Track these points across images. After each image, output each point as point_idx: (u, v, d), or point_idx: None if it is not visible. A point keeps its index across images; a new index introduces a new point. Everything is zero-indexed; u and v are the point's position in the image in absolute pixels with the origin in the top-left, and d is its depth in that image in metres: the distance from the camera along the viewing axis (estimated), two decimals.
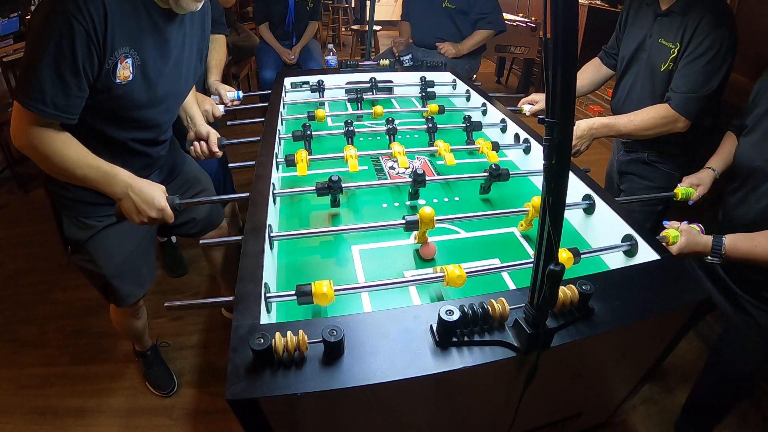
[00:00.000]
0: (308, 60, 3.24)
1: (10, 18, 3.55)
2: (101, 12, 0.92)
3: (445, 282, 0.89)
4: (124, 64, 1.01)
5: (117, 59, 0.99)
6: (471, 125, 1.65)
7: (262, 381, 0.67)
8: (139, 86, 1.07)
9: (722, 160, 1.32)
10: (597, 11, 3.97)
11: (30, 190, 3.12)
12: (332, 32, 7.17)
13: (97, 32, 0.93)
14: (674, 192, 1.27)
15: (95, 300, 2.16)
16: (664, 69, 1.40)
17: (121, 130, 1.13)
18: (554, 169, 0.61)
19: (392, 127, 1.60)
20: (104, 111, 1.06)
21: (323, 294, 0.84)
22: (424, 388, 0.75)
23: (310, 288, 0.84)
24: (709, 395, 1.39)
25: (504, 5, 2.86)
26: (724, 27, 1.28)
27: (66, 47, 0.90)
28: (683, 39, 1.34)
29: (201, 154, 1.46)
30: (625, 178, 1.69)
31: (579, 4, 0.90)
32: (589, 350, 0.88)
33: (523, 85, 4.89)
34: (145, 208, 1.09)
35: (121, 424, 1.63)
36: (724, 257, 1.03)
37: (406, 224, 1.03)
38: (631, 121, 1.42)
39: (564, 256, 0.96)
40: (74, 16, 0.89)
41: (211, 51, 1.93)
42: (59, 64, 0.91)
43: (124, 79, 1.03)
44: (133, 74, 1.04)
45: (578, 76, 1.80)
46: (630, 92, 1.56)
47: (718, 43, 1.28)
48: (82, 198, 1.19)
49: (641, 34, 1.48)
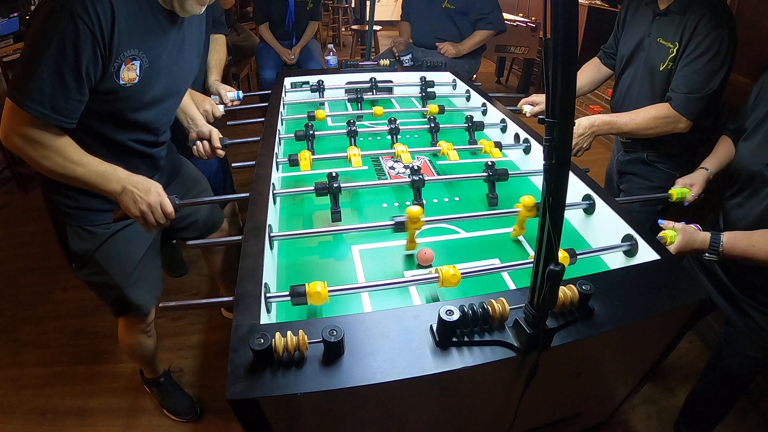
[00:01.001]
0: (308, 60, 3.24)
1: (10, 18, 3.55)
2: (108, 13, 0.90)
3: (439, 283, 0.89)
4: (129, 66, 0.99)
5: (122, 61, 0.97)
6: (473, 125, 1.65)
7: (262, 381, 0.67)
8: (144, 88, 1.06)
9: (716, 161, 1.32)
10: (597, 11, 3.97)
11: (30, 190, 3.12)
12: (332, 32, 7.17)
13: (104, 34, 0.90)
14: (669, 193, 1.26)
15: (95, 300, 2.14)
16: (663, 68, 1.40)
17: (122, 131, 1.12)
18: (554, 169, 0.61)
19: (395, 126, 1.60)
20: (106, 113, 1.05)
21: (317, 293, 0.84)
22: (424, 388, 0.75)
23: (304, 288, 0.84)
24: (709, 395, 1.39)
25: (504, 5, 2.86)
26: (723, 27, 1.27)
27: (69, 49, 0.87)
28: (682, 39, 1.34)
29: (203, 154, 1.44)
30: (625, 178, 1.69)
31: (579, 4, 0.90)
32: (589, 350, 0.88)
33: (523, 85, 4.89)
34: (143, 195, 1.07)
35: (121, 424, 1.63)
36: (721, 254, 1.03)
37: (394, 225, 1.03)
38: (633, 120, 1.42)
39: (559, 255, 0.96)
40: (80, 17, 0.86)
41: (211, 51, 1.93)
42: (61, 66, 0.88)
43: (129, 81, 1.01)
44: (139, 76, 1.03)
45: (578, 76, 1.80)
46: (629, 92, 1.56)
47: (717, 43, 1.28)
48: (86, 205, 1.16)
49: (640, 33, 1.48)
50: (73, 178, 1.01)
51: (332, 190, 1.18)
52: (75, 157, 1.00)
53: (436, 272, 0.90)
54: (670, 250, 1.01)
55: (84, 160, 1.01)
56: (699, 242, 1.04)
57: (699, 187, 1.27)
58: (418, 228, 1.04)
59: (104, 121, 1.07)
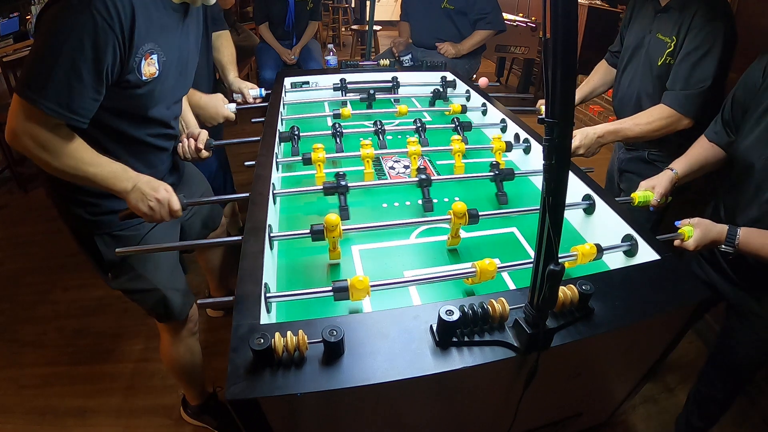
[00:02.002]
0: (308, 60, 3.24)
1: (10, 18, 3.55)
2: (128, 7, 0.88)
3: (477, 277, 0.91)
4: (149, 60, 0.98)
5: (142, 56, 0.96)
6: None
7: (262, 381, 0.67)
8: (163, 81, 1.05)
9: (687, 163, 1.25)
10: (597, 11, 3.97)
11: (30, 190, 3.12)
12: (332, 32, 7.18)
13: (123, 29, 0.88)
14: (631, 197, 1.20)
15: (95, 300, 2.17)
16: (662, 63, 1.39)
17: (140, 127, 1.10)
18: (554, 169, 0.61)
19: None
20: (124, 109, 1.03)
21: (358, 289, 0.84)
22: (424, 388, 0.75)
23: (346, 283, 0.85)
24: (711, 389, 1.38)
25: (504, 5, 2.86)
26: (719, 20, 1.26)
27: (88, 45, 0.84)
28: (679, 33, 1.33)
29: (187, 152, 1.33)
30: (625, 176, 1.69)
31: (579, 4, 0.90)
32: (589, 350, 0.88)
33: (523, 85, 4.89)
34: (152, 192, 1.04)
35: (121, 424, 1.63)
36: (737, 248, 1.03)
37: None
38: (637, 125, 1.41)
39: (587, 248, 0.98)
40: (99, 12, 0.83)
41: (220, 49, 1.91)
42: (79, 63, 0.84)
43: (150, 76, 1.00)
44: (159, 70, 1.01)
45: (591, 79, 1.82)
46: (629, 88, 1.55)
47: (711, 38, 1.26)
48: (110, 208, 1.12)
49: (642, 31, 1.49)
50: (83, 178, 0.98)
51: (340, 188, 1.18)
52: (87, 158, 0.97)
53: (473, 267, 0.91)
54: (689, 246, 1.02)
55: (96, 160, 0.99)
56: (716, 233, 1.04)
57: (662, 189, 1.20)
58: (337, 235, 1.01)
59: (122, 118, 1.04)
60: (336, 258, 1.07)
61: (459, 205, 1.04)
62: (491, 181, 1.31)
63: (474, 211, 1.06)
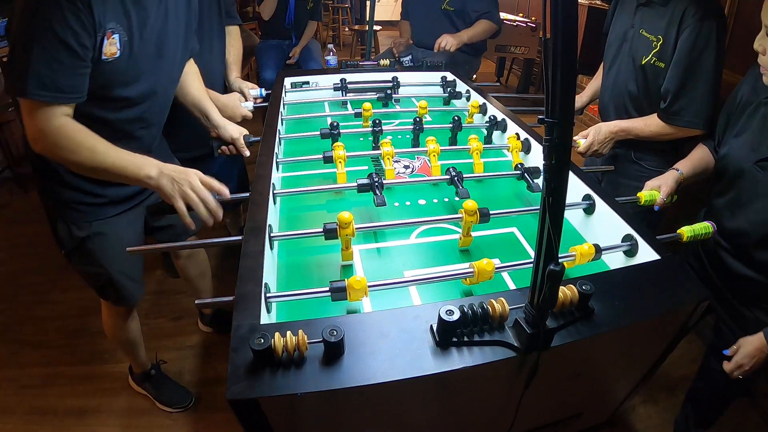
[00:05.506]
0: (308, 60, 3.24)
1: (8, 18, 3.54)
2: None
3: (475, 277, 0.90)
4: (111, 39, 0.97)
5: (104, 35, 0.95)
6: (495, 125, 1.66)
7: (262, 381, 0.67)
8: (125, 62, 1.03)
9: (691, 165, 1.26)
10: (597, 11, 3.97)
11: (30, 190, 3.12)
12: (332, 32, 7.18)
13: (86, 4, 0.88)
14: (637, 196, 1.20)
15: (95, 300, 2.15)
16: (645, 62, 1.36)
17: (108, 110, 1.08)
18: (554, 169, 0.61)
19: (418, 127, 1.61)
20: (90, 91, 1.01)
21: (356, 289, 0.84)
22: (424, 388, 0.75)
23: (344, 284, 0.84)
24: (708, 388, 1.38)
25: (504, 5, 2.86)
26: (711, 18, 1.23)
27: (56, 24, 0.85)
28: (667, 32, 1.29)
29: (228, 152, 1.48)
30: (606, 176, 1.67)
31: (579, 4, 0.90)
32: (589, 350, 0.88)
33: (523, 85, 4.89)
34: (183, 176, 1.03)
35: (121, 424, 1.63)
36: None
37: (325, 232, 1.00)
38: (648, 126, 1.41)
39: (585, 248, 0.98)
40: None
41: (227, 46, 1.89)
42: (51, 43, 0.85)
43: (111, 56, 0.98)
44: (120, 50, 1.00)
45: (594, 81, 1.82)
46: (614, 86, 1.52)
47: (705, 37, 1.23)
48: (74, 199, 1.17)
49: (625, 25, 1.46)
50: (104, 169, 0.98)
51: (375, 184, 1.20)
52: (101, 148, 0.98)
53: (471, 267, 0.91)
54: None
55: (112, 150, 0.99)
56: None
57: (668, 188, 1.19)
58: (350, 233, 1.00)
59: (89, 100, 1.02)
60: (348, 259, 1.06)
61: (470, 203, 1.04)
62: (518, 179, 1.32)
63: (485, 210, 1.06)
